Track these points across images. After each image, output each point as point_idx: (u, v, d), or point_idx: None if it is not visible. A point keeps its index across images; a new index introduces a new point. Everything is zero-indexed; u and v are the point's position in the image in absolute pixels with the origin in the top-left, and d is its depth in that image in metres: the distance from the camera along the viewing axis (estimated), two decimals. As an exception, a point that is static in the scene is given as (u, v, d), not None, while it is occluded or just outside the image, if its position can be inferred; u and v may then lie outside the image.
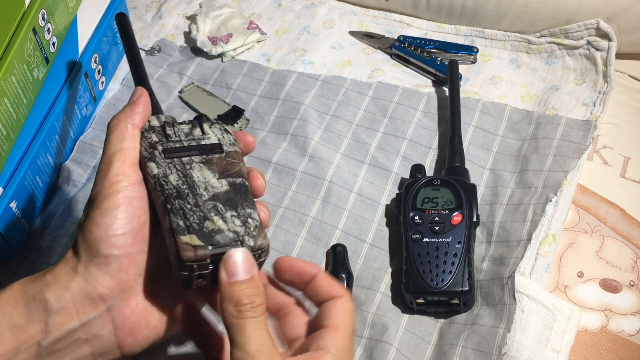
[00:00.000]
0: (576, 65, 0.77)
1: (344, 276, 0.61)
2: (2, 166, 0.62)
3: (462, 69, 0.79)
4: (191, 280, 0.42)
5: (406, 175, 0.69)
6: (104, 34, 0.78)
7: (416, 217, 0.62)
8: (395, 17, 0.86)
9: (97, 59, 0.77)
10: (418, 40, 0.82)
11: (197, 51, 0.84)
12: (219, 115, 0.76)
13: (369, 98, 0.77)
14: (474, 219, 0.61)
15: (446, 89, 0.77)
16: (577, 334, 0.57)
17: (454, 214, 0.61)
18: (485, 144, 0.72)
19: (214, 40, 0.82)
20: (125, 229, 0.42)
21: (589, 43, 0.77)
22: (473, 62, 0.81)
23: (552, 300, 0.56)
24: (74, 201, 0.69)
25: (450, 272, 0.58)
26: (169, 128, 0.46)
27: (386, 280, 0.62)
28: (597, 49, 0.77)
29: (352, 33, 0.85)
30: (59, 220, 0.68)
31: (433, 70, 0.78)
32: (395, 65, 0.81)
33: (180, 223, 0.42)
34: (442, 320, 0.60)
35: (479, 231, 0.64)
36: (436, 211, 0.62)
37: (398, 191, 0.67)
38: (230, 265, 0.41)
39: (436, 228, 0.60)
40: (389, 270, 0.63)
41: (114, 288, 0.42)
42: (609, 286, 0.61)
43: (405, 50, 0.81)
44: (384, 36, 0.84)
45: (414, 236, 0.61)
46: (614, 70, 0.75)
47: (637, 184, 0.68)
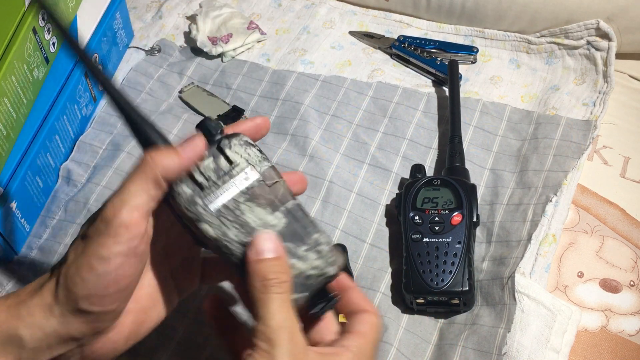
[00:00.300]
0: (576, 65, 0.77)
1: (344, 276, 0.61)
2: (2, 166, 0.62)
3: (462, 69, 0.79)
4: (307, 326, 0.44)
5: (406, 175, 0.69)
6: (104, 34, 0.78)
7: (416, 217, 0.62)
8: (395, 17, 0.86)
9: (97, 59, 0.77)
10: (418, 40, 0.82)
11: (197, 51, 0.84)
12: (219, 115, 0.76)
13: (369, 98, 0.77)
14: (474, 219, 0.61)
15: (446, 89, 0.77)
16: (577, 334, 0.57)
17: (454, 214, 0.61)
18: (485, 144, 0.72)
19: (214, 40, 0.82)
20: (111, 289, 0.40)
21: (589, 43, 0.77)
22: (473, 62, 0.81)
23: (552, 300, 0.56)
24: (74, 201, 0.69)
25: (450, 272, 0.58)
26: (196, 173, 0.42)
27: (386, 280, 0.62)
28: (597, 49, 0.76)
29: (352, 33, 0.85)
30: (59, 220, 0.68)
31: (433, 70, 0.78)
32: (395, 65, 0.81)
33: None
34: (442, 320, 0.60)
35: (479, 231, 0.64)
36: (436, 211, 0.62)
37: (398, 191, 0.67)
38: (258, 244, 0.41)
39: (436, 228, 0.60)
40: (389, 270, 0.63)
41: (89, 333, 0.42)
42: (609, 286, 0.61)
43: (405, 50, 0.81)
44: (384, 36, 0.84)
45: (414, 236, 0.61)
46: (614, 70, 0.74)
47: (637, 184, 0.68)
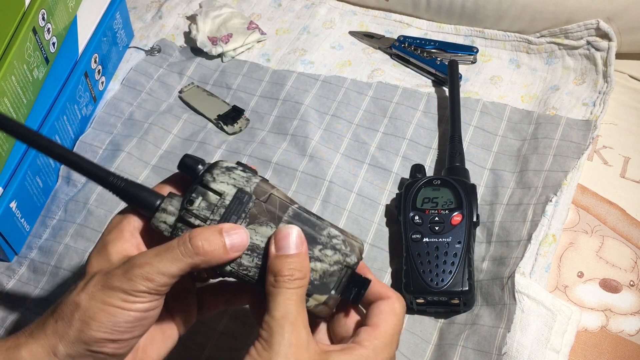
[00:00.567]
0: (576, 65, 0.77)
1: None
2: (2, 166, 0.62)
3: (462, 69, 0.79)
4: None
5: (406, 175, 0.69)
6: (104, 34, 0.78)
7: (416, 217, 0.62)
8: (395, 17, 0.86)
9: (97, 59, 0.77)
10: (418, 40, 0.82)
11: (197, 51, 0.84)
12: (219, 115, 0.76)
13: (369, 98, 0.77)
14: (474, 219, 0.61)
15: (446, 89, 0.77)
16: (577, 334, 0.57)
17: (454, 214, 0.61)
18: (485, 144, 0.72)
19: (214, 40, 0.82)
20: (126, 335, 0.40)
21: (589, 43, 0.77)
22: (473, 62, 0.81)
23: (552, 300, 0.56)
24: (73, 201, 0.69)
25: (450, 272, 0.58)
26: (188, 215, 0.42)
27: (386, 280, 0.62)
28: (597, 49, 0.76)
29: (352, 33, 0.85)
30: (59, 220, 0.68)
31: (433, 70, 0.78)
32: (395, 65, 0.81)
33: None
34: (442, 320, 0.60)
35: (479, 231, 0.64)
36: (436, 211, 0.61)
37: (398, 191, 0.67)
38: (280, 239, 0.41)
39: (436, 228, 0.60)
40: (389, 270, 0.63)
41: None
42: (609, 286, 0.61)
43: (405, 50, 0.81)
44: (384, 36, 0.84)
45: (414, 236, 0.61)
46: (614, 70, 0.75)
47: (637, 184, 0.68)
